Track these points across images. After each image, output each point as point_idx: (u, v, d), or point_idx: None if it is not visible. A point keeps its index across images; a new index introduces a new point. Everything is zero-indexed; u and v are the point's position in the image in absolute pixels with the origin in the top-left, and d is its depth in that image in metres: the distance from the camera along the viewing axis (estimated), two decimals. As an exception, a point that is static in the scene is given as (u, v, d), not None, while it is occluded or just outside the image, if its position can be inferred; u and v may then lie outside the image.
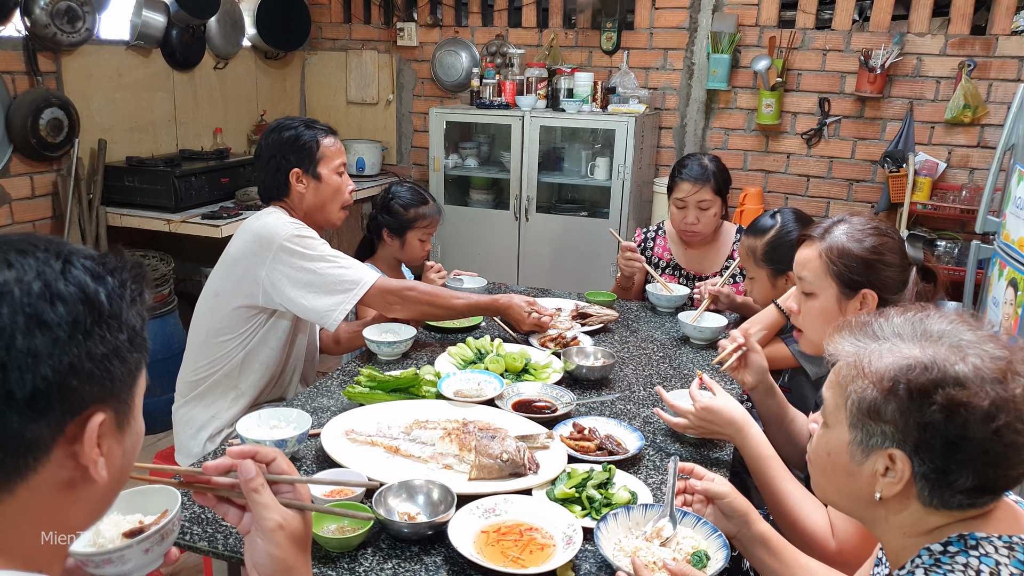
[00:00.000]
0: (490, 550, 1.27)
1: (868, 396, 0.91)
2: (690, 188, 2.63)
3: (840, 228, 1.59)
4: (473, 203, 4.51)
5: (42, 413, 0.64)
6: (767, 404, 1.72)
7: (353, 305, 1.97)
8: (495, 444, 1.47)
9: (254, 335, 2.05)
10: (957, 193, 3.77)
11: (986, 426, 0.85)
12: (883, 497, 0.93)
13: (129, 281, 0.72)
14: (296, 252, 1.95)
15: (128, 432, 0.74)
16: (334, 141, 2.13)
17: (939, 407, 0.86)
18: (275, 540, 0.86)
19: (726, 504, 1.29)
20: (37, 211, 3.45)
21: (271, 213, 2.06)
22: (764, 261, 2.20)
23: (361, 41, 4.91)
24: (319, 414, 1.74)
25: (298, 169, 2.07)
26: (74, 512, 0.71)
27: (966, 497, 0.89)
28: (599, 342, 2.25)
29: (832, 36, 3.97)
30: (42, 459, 0.66)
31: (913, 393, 0.88)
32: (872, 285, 1.54)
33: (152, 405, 3.35)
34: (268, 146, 2.10)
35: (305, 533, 0.89)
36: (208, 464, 0.89)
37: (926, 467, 0.89)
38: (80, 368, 0.66)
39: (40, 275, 0.66)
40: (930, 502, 0.90)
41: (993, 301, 2.90)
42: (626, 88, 4.24)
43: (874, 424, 0.91)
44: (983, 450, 0.86)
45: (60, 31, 3.27)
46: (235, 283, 2.00)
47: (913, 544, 0.93)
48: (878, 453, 0.92)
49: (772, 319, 2.13)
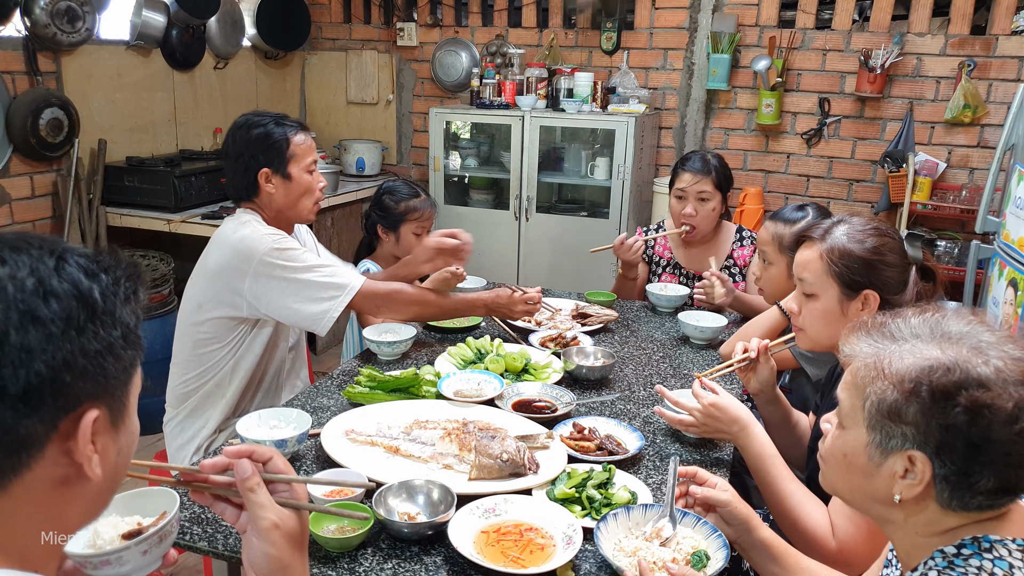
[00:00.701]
0: (490, 550, 1.27)
1: (888, 398, 0.90)
2: (691, 179, 2.64)
3: (840, 229, 1.58)
4: (473, 203, 4.51)
5: (36, 408, 0.65)
6: (769, 410, 1.73)
7: (341, 310, 1.95)
8: (495, 444, 1.47)
9: (241, 342, 2.04)
10: (957, 193, 3.77)
11: (1009, 428, 0.84)
12: (902, 499, 0.92)
13: (123, 279, 0.72)
14: (277, 266, 1.92)
15: (123, 430, 0.74)
16: (304, 138, 2.05)
17: (963, 409, 0.85)
18: (271, 539, 0.86)
19: (727, 512, 1.29)
20: (37, 211, 3.46)
21: (246, 223, 1.98)
22: (789, 250, 2.19)
23: (361, 41, 4.91)
24: (319, 414, 1.74)
25: (267, 169, 2.00)
26: (70, 511, 0.71)
27: (986, 499, 0.88)
28: (599, 342, 2.25)
29: (832, 36, 3.97)
30: (36, 455, 0.66)
31: (936, 395, 0.87)
32: (874, 285, 1.54)
33: (150, 405, 3.32)
34: (236, 144, 2.02)
35: (301, 532, 0.90)
36: (205, 463, 0.90)
37: (947, 469, 0.88)
38: (74, 364, 0.66)
39: (34, 271, 0.66)
40: (949, 504, 0.90)
41: (993, 301, 2.90)
42: (626, 88, 4.24)
43: (895, 426, 0.90)
44: (1006, 452, 0.85)
45: (60, 31, 3.28)
46: (217, 295, 1.97)
47: (926, 544, 0.93)
48: (897, 455, 0.91)
49: (773, 321, 2.13)
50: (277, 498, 0.89)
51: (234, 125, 2.06)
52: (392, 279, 2.20)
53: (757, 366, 1.69)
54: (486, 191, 4.55)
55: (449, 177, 4.47)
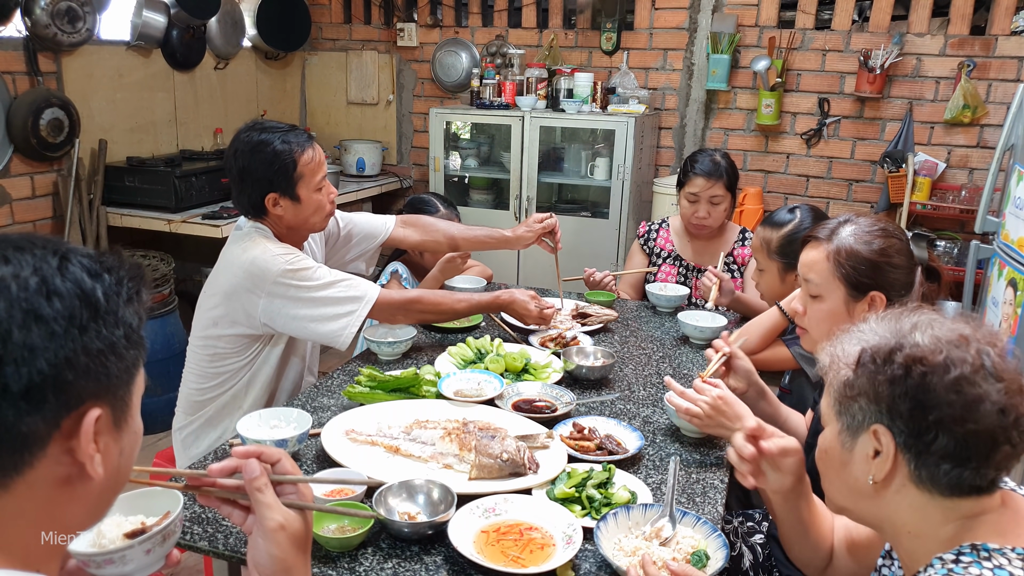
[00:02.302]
0: (490, 550, 1.27)
1: (842, 377, 0.98)
2: (704, 184, 2.67)
3: (847, 229, 1.56)
4: (473, 203, 4.51)
5: (38, 406, 0.65)
6: (759, 406, 1.72)
7: (359, 325, 1.93)
8: (495, 444, 1.47)
9: (258, 356, 2.03)
10: (956, 193, 3.77)
11: (944, 378, 0.89)
12: (875, 480, 0.95)
13: (126, 279, 0.73)
14: (291, 287, 1.88)
15: (126, 430, 0.74)
16: (313, 155, 1.95)
17: (899, 365, 0.92)
18: (276, 540, 0.87)
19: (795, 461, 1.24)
20: (37, 211, 3.46)
21: (256, 243, 1.92)
22: (777, 254, 2.20)
23: (361, 41, 4.92)
24: (319, 414, 1.75)
25: (274, 193, 1.92)
26: (72, 511, 0.71)
27: (952, 466, 0.90)
28: (599, 342, 2.25)
29: (832, 36, 3.97)
30: (38, 454, 0.67)
31: (876, 359, 0.95)
32: (880, 287, 1.52)
33: (152, 405, 3.34)
34: (238, 161, 1.92)
35: (305, 534, 0.90)
36: (213, 467, 0.90)
37: (904, 435, 0.92)
38: (76, 362, 0.67)
39: (37, 271, 0.67)
40: (919, 477, 0.92)
41: (992, 301, 2.90)
42: (626, 88, 4.25)
43: (852, 402, 0.96)
44: (948, 402, 0.89)
45: (60, 31, 3.28)
46: (231, 315, 1.94)
47: (923, 549, 0.93)
48: (864, 435, 0.95)
49: (773, 321, 2.13)
50: (284, 499, 0.89)
51: (237, 140, 1.95)
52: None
53: (733, 364, 1.68)
54: (486, 191, 4.55)
55: (449, 177, 4.47)
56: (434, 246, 2.47)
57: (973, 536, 0.90)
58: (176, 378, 2.13)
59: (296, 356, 2.14)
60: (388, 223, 2.40)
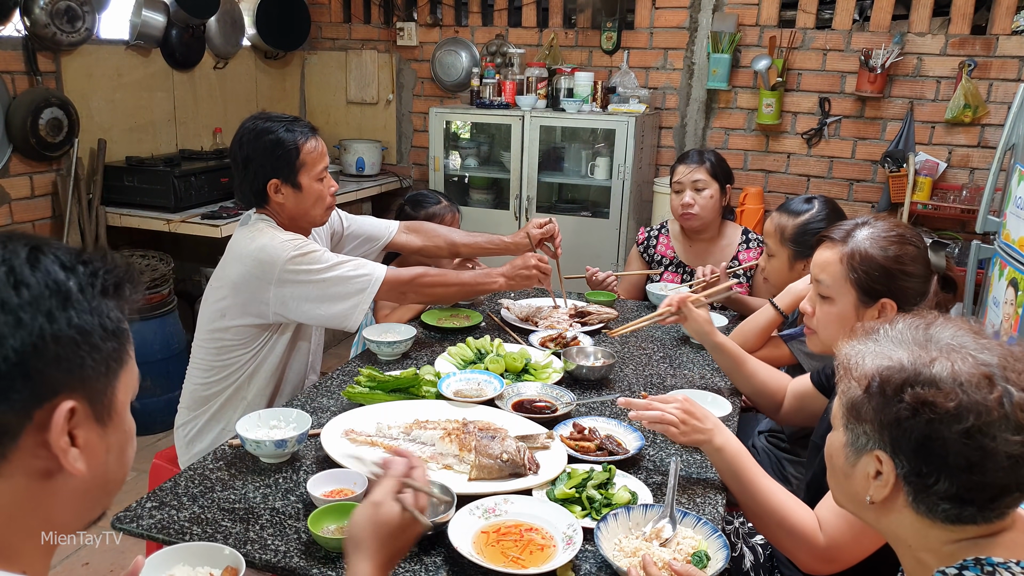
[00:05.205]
0: (490, 550, 1.26)
1: (853, 395, 0.93)
2: (685, 169, 2.70)
3: (863, 232, 1.53)
4: (473, 203, 4.51)
5: (5, 395, 0.65)
6: (720, 359, 1.87)
7: (369, 302, 1.97)
8: (495, 444, 1.47)
9: (264, 345, 2.04)
10: (957, 193, 3.77)
11: (952, 427, 0.84)
12: (873, 500, 0.93)
13: (102, 271, 0.72)
14: (301, 271, 1.91)
15: (112, 428, 0.74)
16: (315, 145, 2.00)
17: (906, 405, 0.87)
18: (365, 511, 1.04)
19: None
20: (37, 211, 3.45)
21: (262, 232, 1.96)
22: (790, 242, 2.19)
23: (361, 41, 4.91)
24: (319, 414, 1.74)
25: (276, 180, 1.96)
26: (57, 507, 0.71)
27: (951, 506, 0.87)
28: (599, 342, 2.25)
29: (832, 36, 3.96)
30: (11, 446, 0.67)
31: (885, 390, 0.89)
32: (892, 295, 1.50)
33: (152, 405, 3.35)
34: (243, 149, 1.96)
35: (388, 527, 1.03)
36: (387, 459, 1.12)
37: (905, 469, 0.89)
38: (44, 351, 0.66)
39: (5, 262, 0.68)
40: (918, 509, 0.90)
41: (993, 301, 2.90)
42: (626, 88, 4.24)
43: (858, 425, 0.93)
44: (955, 452, 0.84)
45: (60, 31, 3.27)
46: (241, 305, 1.96)
47: (926, 562, 0.92)
48: (867, 456, 0.92)
49: (768, 319, 2.13)
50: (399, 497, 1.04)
51: (242, 129, 1.99)
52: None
53: (688, 316, 1.87)
54: (486, 191, 4.55)
55: (449, 177, 4.47)
56: (435, 251, 2.49)
57: (979, 551, 0.88)
58: (176, 378, 2.13)
59: (303, 340, 2.15)
60: (391, 227, 2.43)
